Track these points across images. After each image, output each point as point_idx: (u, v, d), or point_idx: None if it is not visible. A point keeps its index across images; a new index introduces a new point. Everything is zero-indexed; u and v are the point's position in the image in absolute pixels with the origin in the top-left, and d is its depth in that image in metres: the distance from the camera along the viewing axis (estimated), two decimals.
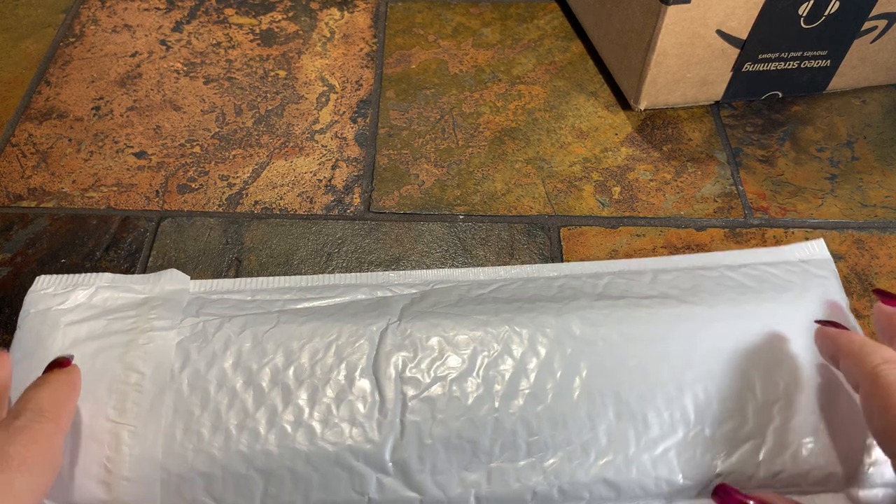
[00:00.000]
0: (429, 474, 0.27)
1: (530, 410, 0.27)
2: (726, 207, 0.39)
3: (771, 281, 0.31)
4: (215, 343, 0.28)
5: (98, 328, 0.28)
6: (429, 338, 0.28)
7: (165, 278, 0.31)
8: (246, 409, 0.27)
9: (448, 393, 0.27)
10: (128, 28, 0.48)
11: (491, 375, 0.28)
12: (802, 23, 0.39)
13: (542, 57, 0.47)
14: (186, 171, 0.40)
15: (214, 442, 0.26)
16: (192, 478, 0.26)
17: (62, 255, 0.36)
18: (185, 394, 0.27)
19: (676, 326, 0.29)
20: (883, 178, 0.40)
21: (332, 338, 0.28)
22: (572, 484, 0.27)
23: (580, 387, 0.28)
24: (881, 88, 0.45)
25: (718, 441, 0.27)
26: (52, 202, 0.39)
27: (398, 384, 0.27)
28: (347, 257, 0.36)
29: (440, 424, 0.27)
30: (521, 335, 0.29)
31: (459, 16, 0.50)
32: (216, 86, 0.45)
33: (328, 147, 0.42)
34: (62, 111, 0.43)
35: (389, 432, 0.27)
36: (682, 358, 0.28)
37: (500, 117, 0.43)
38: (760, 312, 0.29)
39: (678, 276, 0.32)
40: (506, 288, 0.32)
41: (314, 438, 0.26)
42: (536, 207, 0.39)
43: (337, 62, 0.46)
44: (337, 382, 0.27)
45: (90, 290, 0.30)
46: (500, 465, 0.27)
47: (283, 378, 0.27)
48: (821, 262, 0.33)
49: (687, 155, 0.41)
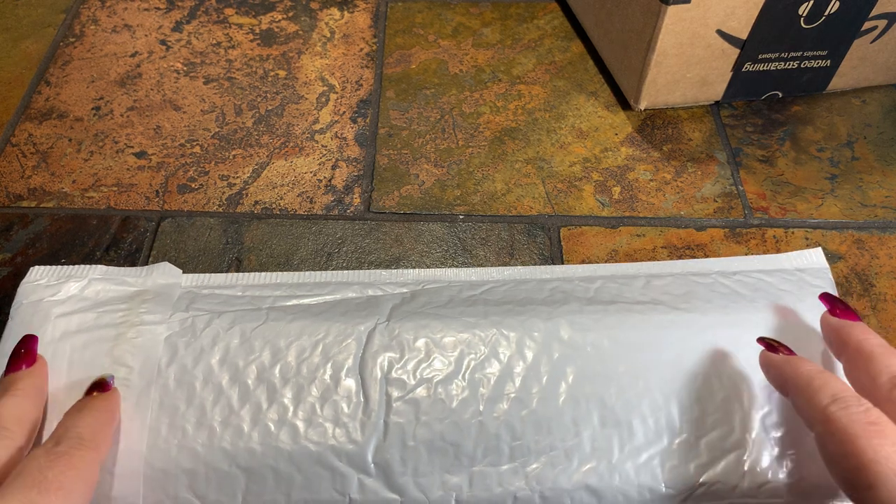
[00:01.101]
0: (411, 476, 0.27)
1: (515, 414, 0.27)
2: (726, 207, 0.39)
3: (765, 289, 0.31)
4: (203, 339, 0.28)
5: (88, 320, 0.28)
6: (416, 339, 0.28)
7: (158, 272, 0.31)
8: (231, 406, 0.27)
9: (433, 395, 0.27)
10: (128, 28, 0.48)
11: (477, 378, 0.28)
12: (802, 23, 0.39)
13: (542, 57, 0.47)
14: (186, 171, 0.40)
15: (198, 438, 0.26)
16: (176, 473, 0.26)
17: (62, 255, 0.36)
18: (171, 389, 0.27)
19: (667, 333, 0.29)
20: (883, 178, 0.40)
21: (320, 336, 0.28)
22: (554, 490, 0.27)
23: (566, 392, 0.28)
24: (881, 88, 0.45)
25: (703, 450, 0.27)
26: (52, 202, 0.39)
27: (383, 385, 0.27)
28: (347, 257, 0.36)
29: (424, 426, 0.27)
30: (509, 338, 0.28)
31: (459, 16, 0.50)
32: (216, 86, 0.45)
33: (328, 147, 0.42)
34: (62, 111, 0.43)
35: (373, 433, 0.27)
36: (671, 365, 0.28)
37: (500, 117, 0.43)
38: (752, 321, 0.29)
39: (671, 281, 0.32)
40: (497, 289, 0.32)
41: (297, 437, 0.27)
42: (536, 207, 0.39)
43: (337, 62, 0.46)
44: (322, 382, 0.27)
45: (83, 282, 0.30)
46: (482, 469, 0.27)
47: (269, 376, 0.27)
48: (817, 270, 0.32)
49: (687, 155, 0.41)
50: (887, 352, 0.23)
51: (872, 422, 0.21)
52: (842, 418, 0.21)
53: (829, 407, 0.21)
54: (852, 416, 0.21)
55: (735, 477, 0.27)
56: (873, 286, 0.35)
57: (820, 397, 0.22)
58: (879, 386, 0.22)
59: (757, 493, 0.27)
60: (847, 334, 0.25)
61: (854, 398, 0.22)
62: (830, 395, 0.22)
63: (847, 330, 0.25)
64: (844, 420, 0.21)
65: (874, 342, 0.24)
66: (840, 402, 0.21)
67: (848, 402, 0.21)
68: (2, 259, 0.36)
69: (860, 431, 0.20)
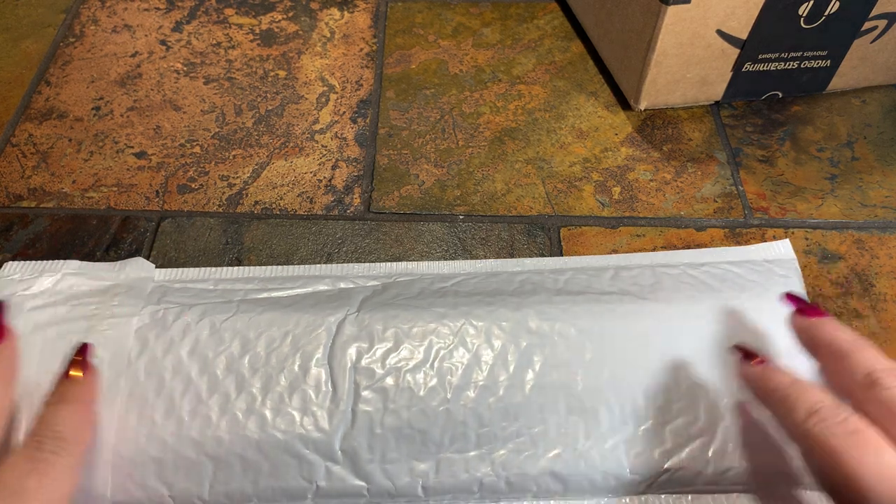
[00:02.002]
0: (378, 463, 0.27)
1: (482, 402, 0.27)
2: (726, 207, 0.39)
3: (732, 280, 0.31)
4: (173, 330, 0.28)
5: (60, 313, 0.29)
6: (385, 329, 0.29)
7: (131, 266, 0.32)
8: (199, 396, 0.27)
9: (401, 383, 0.28)
10: (128, 28, 0.48)
11: (445, 367, 0.28)
12: (802, 23, 0.39)
13: (542, 57, 0.47)
14: (186, 171, 0.40)
15: (167, 427, 0.27)
16: (144, 462, 0.26)
17: (62, 256, 0.36)
18: (141, 380, 0.27)
19: (633, 323, 0.29)
20: (883, 178, 0.40)
21: (290, 327, 0.29)
22: (520, 476, 0.27)
23: (533, 380, 0.28)
24: (881, 88, 0.45)
25: (668, 437, 0.27)
26: (52, 202, 0.39)
27: (352, 374, 0.28)
28: (347, 257, 0.36)
29: (392, 414, 0.27)
30: (478, 328, 0.29)
31: (459, 16, 0.50)
32: (216, 86, 0.45)
33: (328, 147, 0.42)
34: (62, 111, 0.43)
35: (341, 421, 0.27)
36: (637, 354, 0.28)
37: (500, 117, 0.43)
38: (718, 311, 0.29)
39: (639, 272, 0.32)
40: (468, 282, 0.32)
41: (265, 426, 0.27)
42: (536, 207, 0.39)
43: (337, 62, 0.46)
44: (291, 371, 0.28)
45: (56, 277, 0.30)
46: (449, 456, 0.27)
47: (238, 366, 0.28)
48: (785, 262, 0.33)
49: (687, 155, 0.41)
50: (860, 347, 0.23)
51: (852, 431, 0.20)
52: (821, 433, 0.20)
53: (806, 422, 0.21)
54: (831, 430, 0.20)
55: (699, 463, 0.27)
56: (873, 286, 0.35)
57: (797, 413, 0.21)
58: (857, 384, 0.22)
59: (721, 480, 0.27)
60: (818, 333, 0.24)
61: (831, 409, 0.21)
62: (806, 410, 0.21)
63: (817, 328, 0.24)
64: (824, 435, 0.20)
65: (845, 338, 0.23)
66: (816, 415, 0.21)
67: (824, 414, 0.21)
68: (2, 259, 0.36)
69: (841, 445, 0.20)
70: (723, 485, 0.27)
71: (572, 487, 0.27)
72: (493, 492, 0.27)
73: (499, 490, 0.27)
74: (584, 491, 0.27)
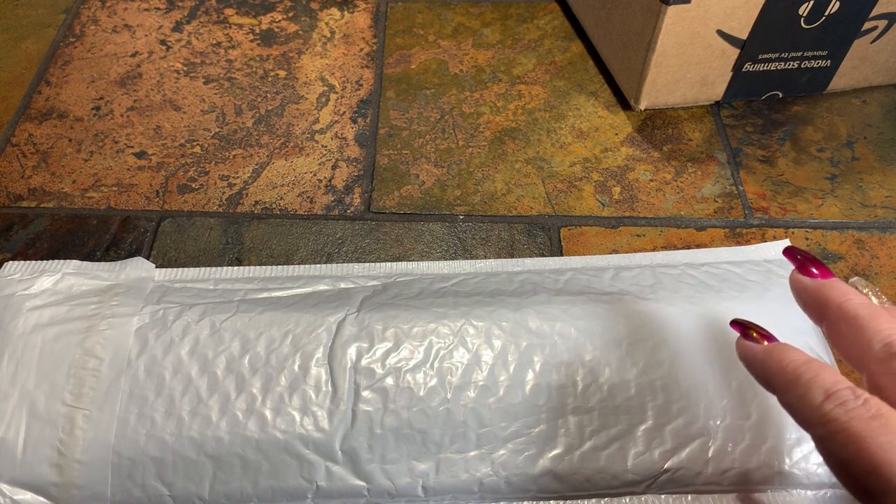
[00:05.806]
0: (378, 463, 0.27)
1: (482, 402, 0.27)
2: (726, 207, 0.39)
3: (732, 280, 0.31)
4: (174, 330, 0.28)
5: (60, 313, 0.29)
6: (385, 329, 0.29)
7: (131, 266, 0.32)
8: (199, 396, 0.27)
9: (401, 384, 0.28)
10: (128, 28, 0.48)
11: (445, 367, 0.28)
12: (803, 23, 0.39)
13: (542, 57, 0.47)
14: (186, 171, 0.40)
15: (167, 427, 0.27)
16: (144, 462, 0.26)
17: (62, 256, 0.36)
18: (141, 379, 0.27)
19: (633, 323, 0.29)
20: (883, 178, 0.40)
21: (290, 327, 0.29)
22: (520, 476, 0.27)
23: (533, 380, 0.28)
24: (881, 88, 0.45)
25: (668, 437, 0.27)
26: (52, 202, 0.39)
27: (352, 374, 0.28)
28: (347, 257, 0.36)
29: (392, 414, 0.27)
30: (478, 328, 0.29)
31: (459, 16, 0.50)
32: (216, 86, 0.45)
33: (328, 147, 0.42)
34: (62, 111, 0.43)
35: (341, 422, 0.27)
36: (637, 354, 0.28)
37: (500, 117, 0.43)
38: (718, 311, 0.29)
39: (639, 273, 0.32)
40: (468, 282, 0.32)
41: (265, 426, 0.27)
42: (537, 207, 0.39)
43: (337, 62, 0.46)
44: (291, 371, 0.28)
45: (56, 277, 0.30)
46: (449, 456, 0.27)
47: (238, 366, 0.28)
48: (785, 261, 0.32)
49: (687, 155, 0.41)
50: (877, 314, 0.20)
51: (874, 416, 0.18)
52: (841, 416, 0.18)
53: (823, 405, 0.19)
54: (852, 413, 0.18)
55: (699, 464, 0.27)
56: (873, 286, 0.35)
57: (813, 396, 0.19)
58: (873, 356, 0.20)
59: (721, 480, 0.27)
60: (826, 297, 0.21)
61: (850, 390, 0.19)
62: (824, 392, 0.19)
63: (825, 291, 0.22)
64: (845, 419, 0.18)
65: (857, 303, 0.21)
66: (835, 397, 0.19)
67: (844, 396, 0.19)
68: (2, 259, 0.36)
69: (864, 430, 0.18)
70: (723, 485, 0.27)
71: (572, 488, 0.27)
72: (493, 492, 0.27)
73: (499, 490, 0.27)
74: (584, 490, 0.27)
